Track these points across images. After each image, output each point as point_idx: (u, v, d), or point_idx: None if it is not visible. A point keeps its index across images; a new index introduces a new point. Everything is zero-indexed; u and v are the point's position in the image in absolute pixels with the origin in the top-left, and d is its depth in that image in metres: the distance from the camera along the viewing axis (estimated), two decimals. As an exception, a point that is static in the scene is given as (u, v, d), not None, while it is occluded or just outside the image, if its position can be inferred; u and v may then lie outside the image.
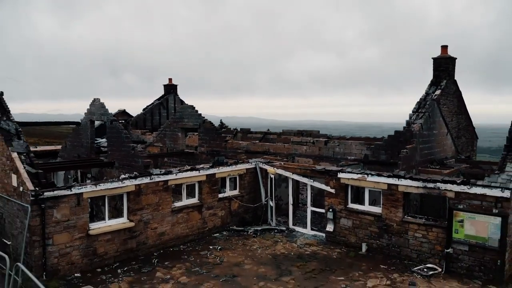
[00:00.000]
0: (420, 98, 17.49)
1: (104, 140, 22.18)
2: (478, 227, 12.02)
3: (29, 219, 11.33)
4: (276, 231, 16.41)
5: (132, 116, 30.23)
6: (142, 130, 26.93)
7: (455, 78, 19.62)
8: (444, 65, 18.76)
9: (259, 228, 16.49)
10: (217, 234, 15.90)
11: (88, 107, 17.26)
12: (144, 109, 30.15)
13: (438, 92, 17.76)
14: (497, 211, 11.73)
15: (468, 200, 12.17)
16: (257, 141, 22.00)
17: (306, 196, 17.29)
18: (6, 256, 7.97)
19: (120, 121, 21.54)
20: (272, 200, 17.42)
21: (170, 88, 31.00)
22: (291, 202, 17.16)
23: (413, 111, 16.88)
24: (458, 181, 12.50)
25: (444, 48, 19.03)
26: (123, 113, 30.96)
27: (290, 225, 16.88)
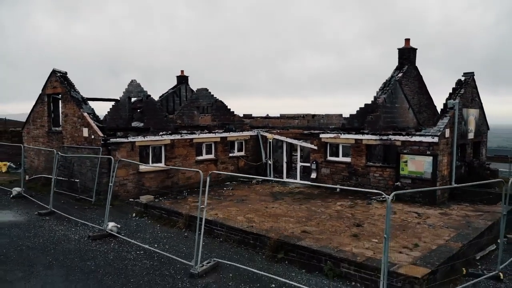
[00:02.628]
0: (386, 80, 22.27)
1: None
2: (417, 165, 16.83)
3: (100, 157, 16.13)
4: (273, 181, 21.25)
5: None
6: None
7: (416, 65, 24.43)
8: (406, 54, 23.58)
9: (260, 179, 21.33)
10: (228, 183, 20.74)
11: (126, 87, 22.03)
12: (160, 97, 34.87)
13: (400, 75, 22.58)
14: (429, 152, 16.53)
15: (410, 146, 16.99)
16: (258, 118, 26.85)
17: (297, 161, 22.07)
18: (112, 157, 12.69)
19: (138, 108, 26.19)
20: (270, 160, 22.25)
21: (182, 79, 35.70)
22: (285, 161, 22.01)
23: (379, 89, 21.66)
24: (403, 133, 17.34)
25: (407, 40, 23.85)
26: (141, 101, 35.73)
27: (284, 178, 21.73)
